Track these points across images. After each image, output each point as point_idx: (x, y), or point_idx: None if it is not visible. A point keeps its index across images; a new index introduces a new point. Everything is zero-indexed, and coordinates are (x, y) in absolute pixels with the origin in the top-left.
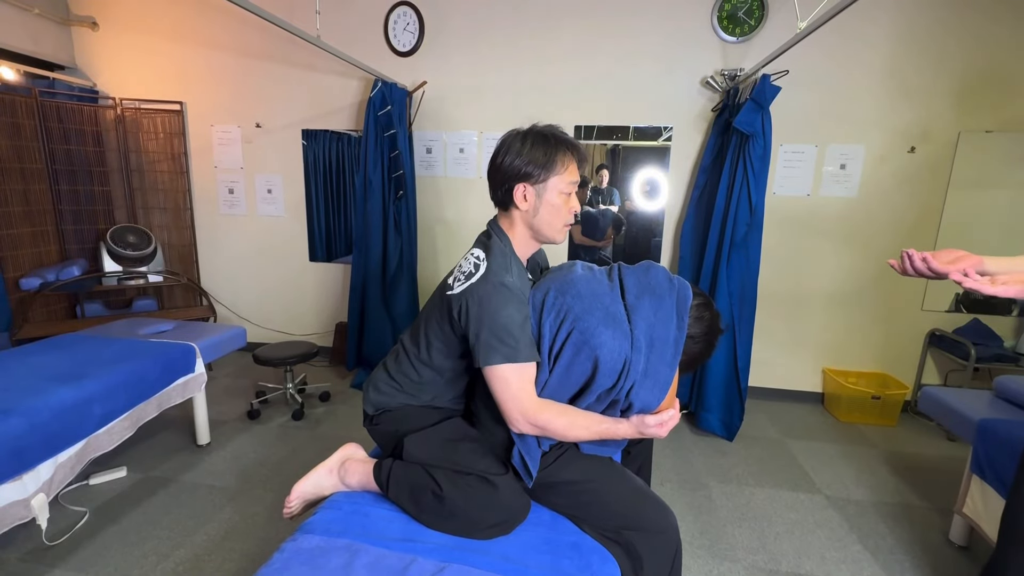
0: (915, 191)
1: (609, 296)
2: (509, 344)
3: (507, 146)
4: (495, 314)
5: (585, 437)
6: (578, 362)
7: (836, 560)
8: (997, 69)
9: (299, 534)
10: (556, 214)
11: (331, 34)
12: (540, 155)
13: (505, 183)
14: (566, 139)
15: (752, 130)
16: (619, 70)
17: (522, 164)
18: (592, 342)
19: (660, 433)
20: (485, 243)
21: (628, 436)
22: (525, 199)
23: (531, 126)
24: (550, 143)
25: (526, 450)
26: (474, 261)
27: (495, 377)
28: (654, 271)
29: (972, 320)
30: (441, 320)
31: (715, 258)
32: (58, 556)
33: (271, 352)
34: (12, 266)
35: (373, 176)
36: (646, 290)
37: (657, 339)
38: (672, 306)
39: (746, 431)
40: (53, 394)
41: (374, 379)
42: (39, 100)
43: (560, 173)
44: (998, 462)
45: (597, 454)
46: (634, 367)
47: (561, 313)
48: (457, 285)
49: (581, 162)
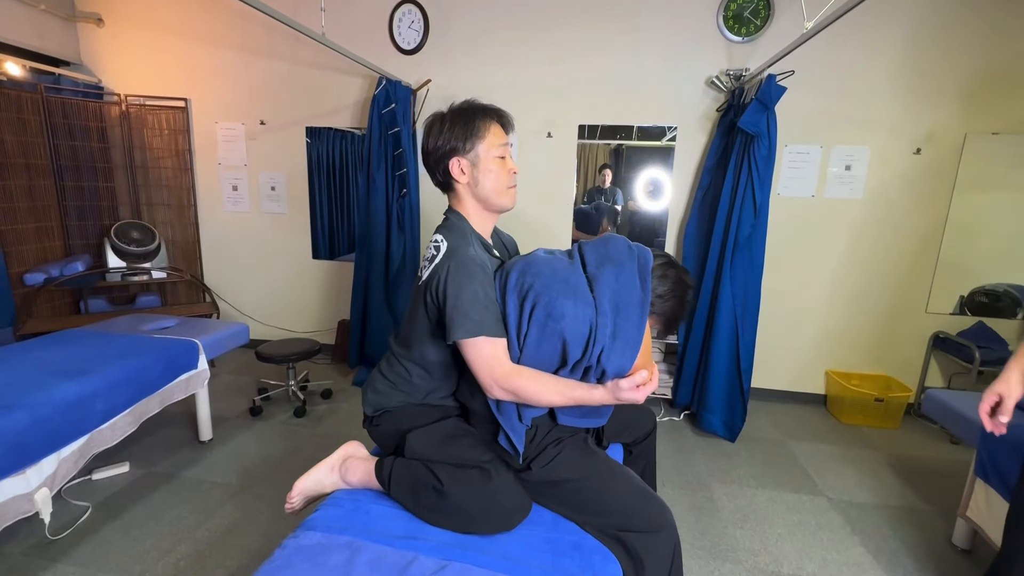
0: (921, 193)
1: (569, 270)
2: (474, 317)
3: (428, 129)
4: (460, 288)
5: (559, 402)
6: (546, 336)
7: (838, 563)
8: (1004, 71)
9: (301, 531)
10: (497, 178)
11: (336, 32)
12: (460, 128)
13: (439, 164)
14: (482, 105)
15: (757, 130)
16: (623, 69)
17: (446, 141)
18: (555, 313)
19: (637, 397)
20: (442, 225)
21: (604, 401)
22: (463, 172)
23: (449, 105)
24: (467, 114)
25: (509, 426)
26: (434, 245)
27: (467, 349)
28: (613, 241)
29: (977, 323)
30: (419, 313)
31: (719, 259)
32: (61, 550)
33: (274, 349)
34: (17, 261)
35: (377, 174)
36: (605, 259)
37: (622, 303)
38: (634, 270)
39: (748, 432)
40: (56, 389)
41: (371, 381)
42: (44, 96)
43: (485, 138)
44: (1002, 466)
45: (579, 426)
46: (601, 331)
47: (523, 292)
48: (424, 272)
49: (505, 124)
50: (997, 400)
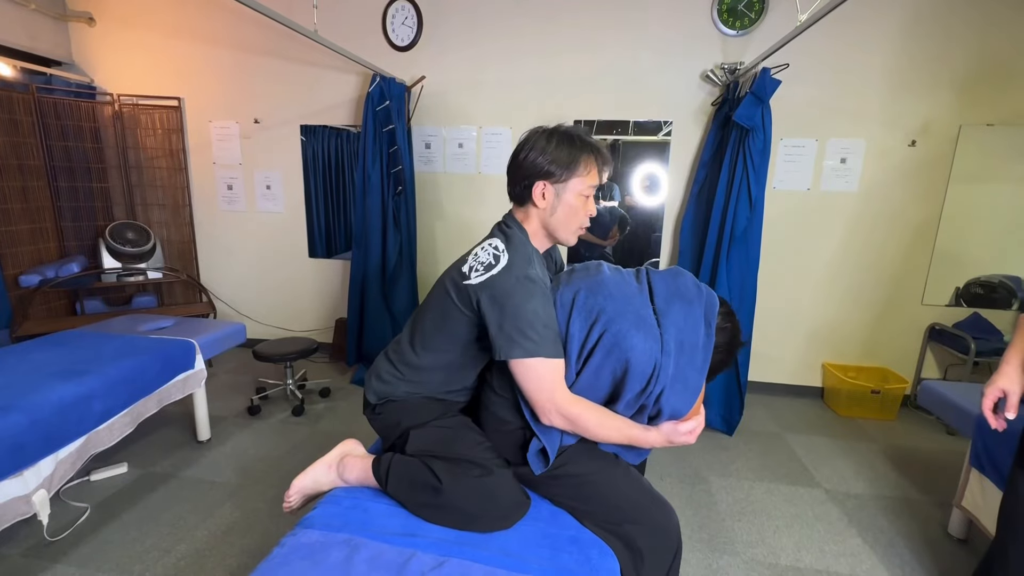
0: (916, 185)
1: (639, 299)
2: (533, 338)
3: (531, 143)
4: (520, 307)
5: (615, 438)
6: (608, 364)
7: (835, 553)
8: (998, 62)
9: (299, 529)
10: (573, 215)
11: (329, 29)
12: (564, 155)
13: (526, 179)
14: (591, 142)
15: (752, 124)
16: (619, 64)
17: (545, 162)
18: (623, 344)
19: (691, 440)
20: (505, 234)
21: (656, 445)
22: (544, 197)
23: (557, 125)
24: (575, 144)
25: (549, 441)
26: (493, 252)
27: (524, 369)
28: (683, 277)
29: (972, 314)
30: (451, 309)
31: (715, 253)
32: (60, 551)
33: (271, 348)
34: (11, 263)
35: (372, 172)
36: (675, 295)
37: (686, 344)
38: (700, 312)
39: (745, 426)
40: (53, 390)
41: (376, 368)
42: (36, 96)
43: (582, 175)
44: (997, 456)
45: (616, 454)
46: (663, 371)
47: (592, 314)
48: (475, 275)
49: (604, 166)
50: (1000, 396)
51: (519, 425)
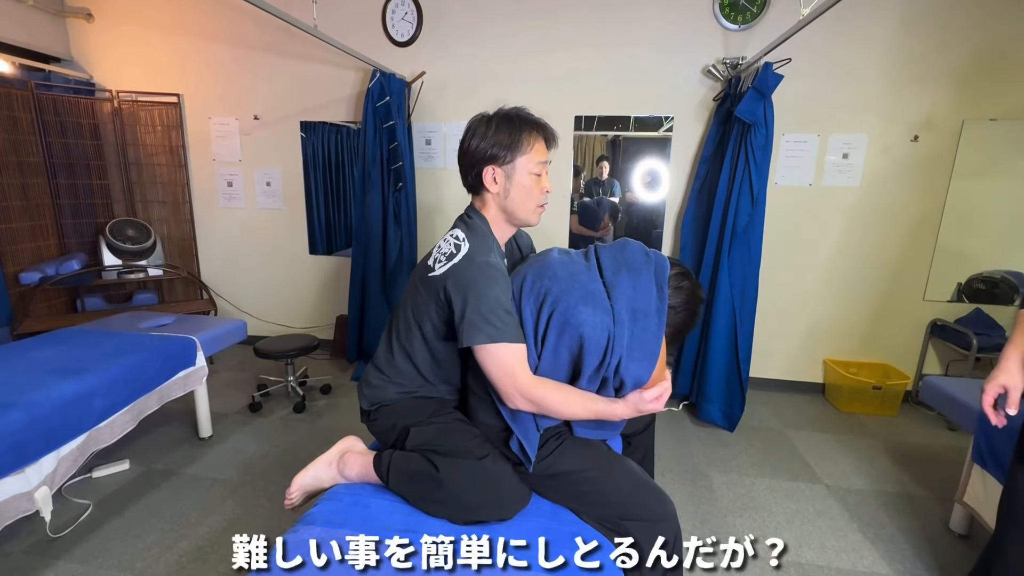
0: (918, 180)
1: (587, 275)
2: (495, 324)
3: (472, 130)
4: (482, 294)
5: (581, 415)
6: (563, 343)
7: (836, 549)
8: (1001, 57)
9: (300, 525)
10: (528, 195)
11: (328, 24)
12: (505, 137)
13: (474, 167)
14: (531, 119)
15: (754, 119)
16: (619, 59)
17: (488, 147)
18: (573, 320)
19: (658, 407)
20: (465, 223)
21: (626, 416)
22: (495, 181)
23: (498, 109)
24: (515, 124)
25: (523, 433)
26: (454, 242)
27: (486, 355)
28: (630, 247)
29: (974, 310)
30: (422, 304)
31: (716, 249)
32: (62, 548)
33: (272, 345)
34: (11, 261)
35: (372, 168)
36: (623, 265)
37: (639, 311)
38: (651, 278)
39: (747, 421)
40: (54, 388)
41: (366, 376)
42: (35, 93)
43: (527, 153)
44: (999, 451)
45: (593, 437)
46: (618, 340)
47: (540, 296)
48: (439, 266)
49: (549, 141)
50: (1001, 392)
51: (502, 427)
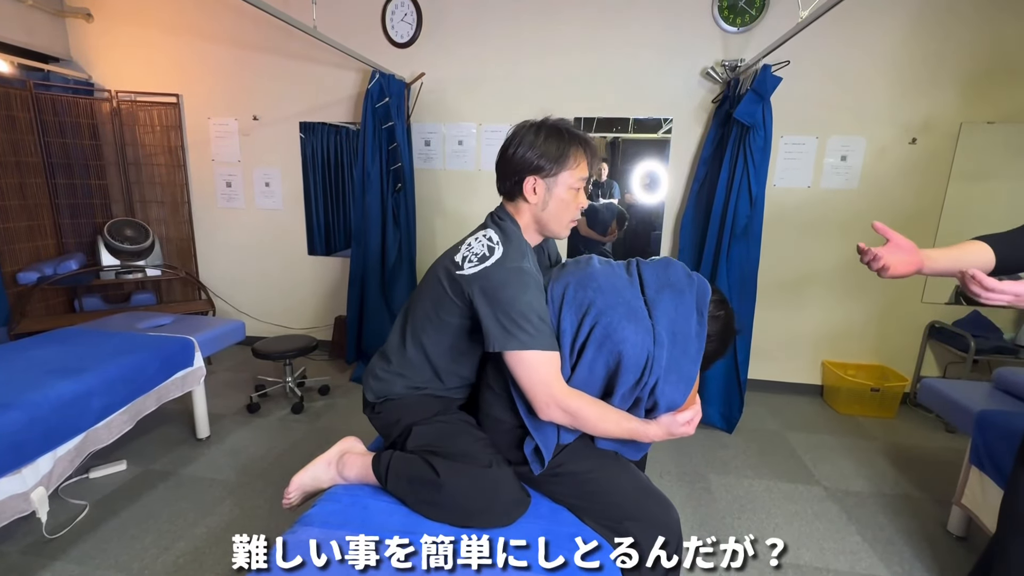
0: (916, 183)
1: (630, 290)
2: (529, 331)
3: (519, 138)
4: (515, 298)
5: (614, 432)
6: (601, 357)
7: (834, 551)
8: (1000, 60)
9: (298, 526)
10: (564, 209)
11: (328, 25)
12: (553, 149)
13: (516, 175)
14: (579, 134)
15: (753, 121)
16: (619, 61)
17: (534, 157)
18: (615, 336)
19: (689, 431)
20: (500, 226)
21: (658, 438)
22: (535, 192)
23: (544, 119)
24: (564, 137)
25: (543, 440)
26: (487, 243)
27: (518, 362)
28: (674, 266)
29: (972, 312)
30: (443, 299)
31: (715, 250)
32: (59, 549)
33: (270, 346)
34: (9, 260)
35: (371, 169)
36: (666, 285)
37: (679, 334)
38: (692, 301)
39: (745, 423)
40: (52, 388)
41: (372, 367)
42: (34, 93)
43: (571, 168)
44: (997, 453)
45: (616, 451)
46: (657, 362)
47: (583, 307)
48: (469, 266)
49: (592, 158)
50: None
51: (516, 424)
